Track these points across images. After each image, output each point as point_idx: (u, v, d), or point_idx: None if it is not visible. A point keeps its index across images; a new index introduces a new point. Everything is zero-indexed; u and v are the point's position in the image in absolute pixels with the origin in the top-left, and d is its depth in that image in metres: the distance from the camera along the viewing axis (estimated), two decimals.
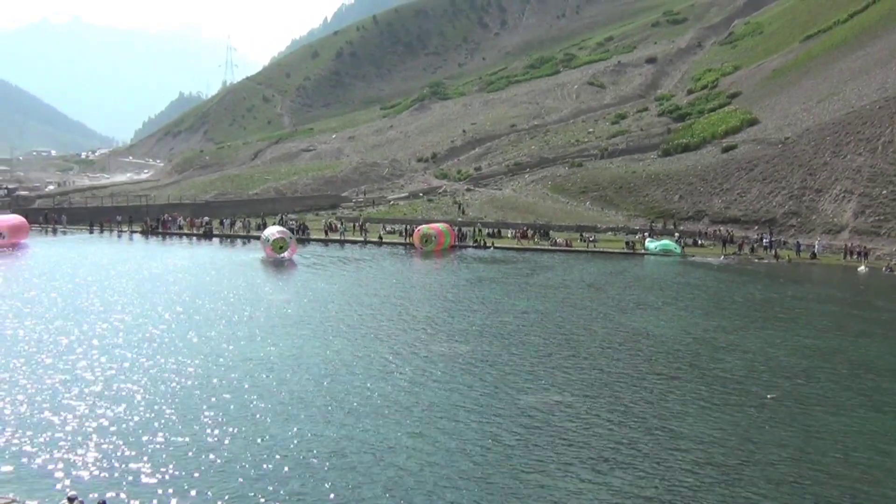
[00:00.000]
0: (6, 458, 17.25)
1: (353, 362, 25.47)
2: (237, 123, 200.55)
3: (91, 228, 67.72)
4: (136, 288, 39.01)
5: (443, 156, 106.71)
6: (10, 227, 56.36)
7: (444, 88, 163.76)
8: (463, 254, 57.52)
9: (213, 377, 23.44)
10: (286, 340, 28.28)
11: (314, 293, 39.21)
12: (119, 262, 48.39)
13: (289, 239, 51.46)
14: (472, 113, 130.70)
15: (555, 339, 29.54)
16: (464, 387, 23.13)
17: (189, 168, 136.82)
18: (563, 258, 55.74)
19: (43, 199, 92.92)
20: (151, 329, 29.59)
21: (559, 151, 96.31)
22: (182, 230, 67.29)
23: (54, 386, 22.31)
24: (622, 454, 18.14)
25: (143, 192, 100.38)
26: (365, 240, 62.24)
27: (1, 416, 19.78)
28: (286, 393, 22.10)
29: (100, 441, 18.30)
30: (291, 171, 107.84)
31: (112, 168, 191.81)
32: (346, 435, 18.97)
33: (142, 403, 20.94)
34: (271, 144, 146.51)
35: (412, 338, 29.14)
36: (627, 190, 78.38)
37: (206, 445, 18.15)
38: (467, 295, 39.48)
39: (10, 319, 30.77)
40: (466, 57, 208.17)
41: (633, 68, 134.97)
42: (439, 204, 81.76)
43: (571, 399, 22.10)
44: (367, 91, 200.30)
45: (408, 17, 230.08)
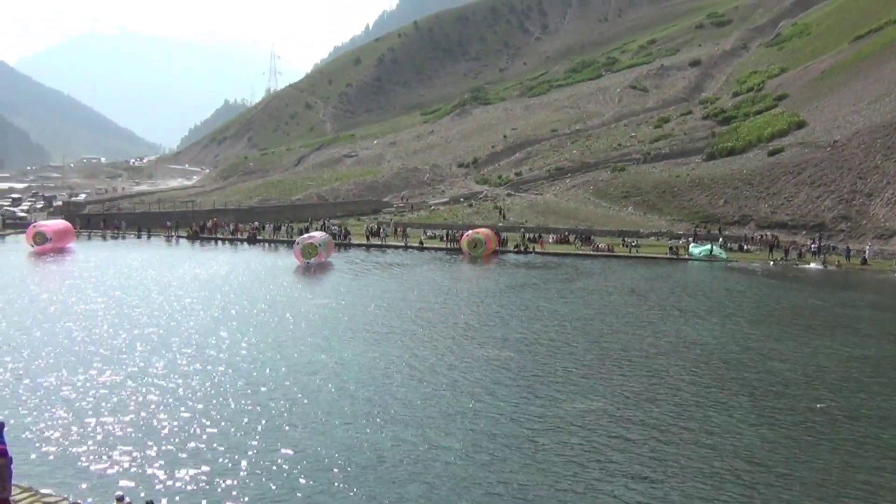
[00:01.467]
0: (57, 459, 17.68)
1: (393, 367, 25.55)
2: (280, 130, 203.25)
3: (139, 233, 69.21)
4: (181, 292, 39.72)
5: (483, 161, 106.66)
6: (57, 232, 58.38)
7: (484, 93, 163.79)
8: (504, 259, 57.38)
9: (255, 382, 23.72)
10: (326, 345, 28.49)
11: (354, 298, 39.45)
12: (165, 266, 49.36)
13: (319, 245, 51.70)
14: (512, 118, 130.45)
15: (596, 346, 29.26)
16: (503, 393, 23.03)
17: (234, 174, 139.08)
18: (604, 264, 55.23)
19: (92, 204, 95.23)
20: (195, 332, 30.09)
21: (601, 156, 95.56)
22: (230, 235, 68.39)
23: (104, 387, 22.81)
24: (663, 465, 17.86)
25: (189, 197, 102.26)
26: (406, 245, 62.50)
27: (52, 416, 20.29)
28: (326, 397, 22.25)
29: (149, 442, 18.64)
30: (333, 176, 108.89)
31: (159, 174, 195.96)
32: (383, 440, 19.02)
33: (189, 406, 21.29)
34: (314, 150, 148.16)
35: (451, 343, 29.13)
36: (671, 194, 77.39)
37: (251, 449, 18.37)
38: (508, 300, 39.35)
39: (58, 321, 31.59)
40: (507, 62, 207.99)
41: (676, 71, 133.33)
42: (480, 209, 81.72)
43: (612, 407, 21.84)
44: (409, 97, 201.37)
45: (449, 23, 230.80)
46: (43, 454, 17.91)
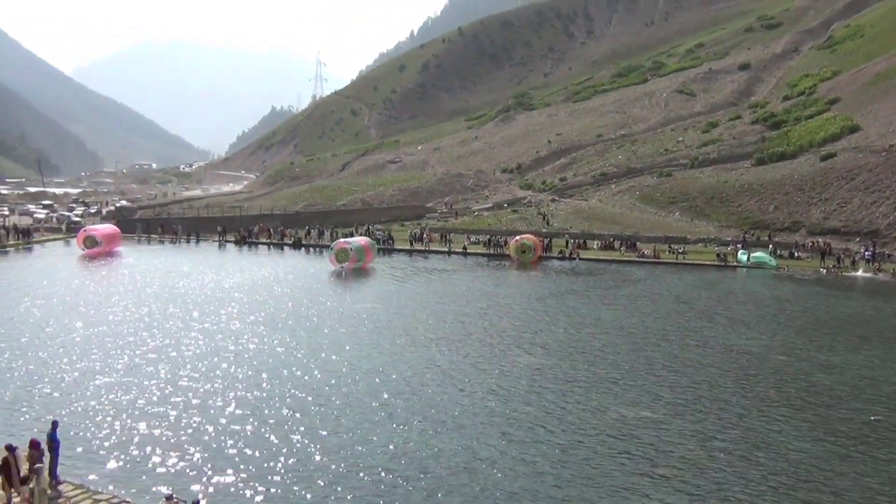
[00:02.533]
0: (108, 457, 18.09)
1: (433, 373, 25.57)
2: (326, 136, 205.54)
3: (188, 238, 70.58)
4: (226, 295, 40.36)
5: (528, 166, 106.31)
6: (106, 236, 60.41)
7: (529, 99, 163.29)
8: (548, 265, 57.04)
9: (297, 386, 23.97)
10: (367, 350, 28.65)
11: (397, 303, 39.60)
12: (212, 270, 50.22)
13: (351, 250, 52.14)
14: (557, 123, 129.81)
15: (641, 354, 28.88)
16: (546, 400, 22.87)
17: (280, 180, 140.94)
18: (650, 270, 54.50)
19: (144, 210, 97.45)
20: (239, 336, 30.54)
21: (647, 161, 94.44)
22: (276, 240, 69.34)
23: (153, 388, 23.29)
24: (710, 478, 17.52)
25: (236, 203, 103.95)
26: (449, 250, 62.55)
27: (103, 416, 20.78)
28: (366, 403, 22.36)
29: (196, 443, 18.97)
30: (378, 182, 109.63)
31: (208, 180, 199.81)
32: (426, 446, 19.03)
33: (233, 408, 21.61)
34: (358, 156, 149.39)
35: (493, 349, 29.04)
36: (719, 200, 76.10)
37: (293, 452, 18.55)
38: (551, 307, 39.10)
39: (108, 323, 32.36)
40: (552, 67, 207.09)
41: (724, 75, 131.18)
42: (524, 214, 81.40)
43: (659, 417, 21.52)
44: (453, 103, 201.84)
45: (493, 29, 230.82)
46: (94, 453, 18.36)
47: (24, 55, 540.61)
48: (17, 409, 21.40)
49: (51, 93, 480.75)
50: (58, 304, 37.22)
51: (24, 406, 21.65)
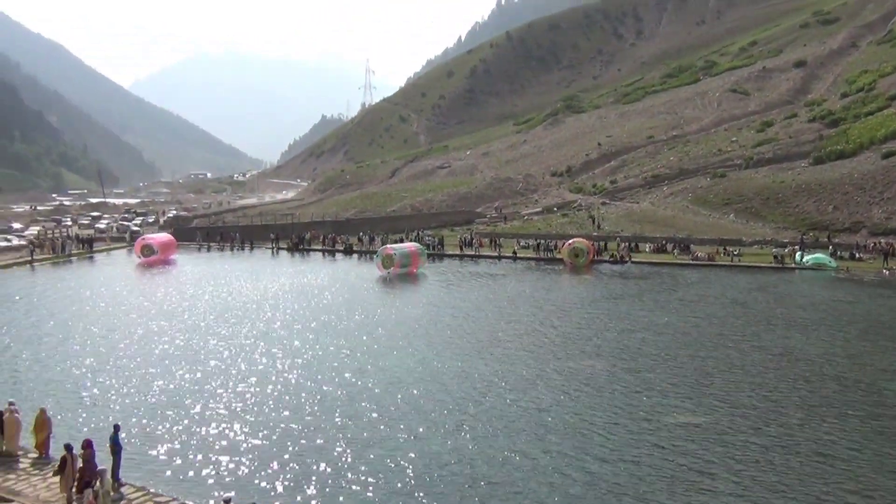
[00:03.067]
0: (169, 461, 18.54)
1: (484, 378, 25.53)
2: (375, 143, 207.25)
3: (242, 245, 71.97)
4: (279, 302, 41.00)
5: (577, 169, 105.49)
6: (162, 244, 62.35)
7: (578, 102, 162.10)
8: (599, 269, 56.47)
9: (350, 392, 24.20)
10: (417, 355, 28.77)
11: (447, 308, 39.68)
12: (265, 277, 51.08)
13: (395, 256, 52.41)
14: (607, 125, 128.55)
15: (696, 359, 28.37)
16: (597, 406, 22.64)
17: (331, 187, 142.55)
18: (704, 273, 53.48)
19: (199, 218, 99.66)
20: (293, 342, 30.99)
21: (700, 162, 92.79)
22: (327, 247, 70.21)
23: (212, 393, 23.79)
24: (769, 488, 17.09)
25: (288, 210, 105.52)
26: (499, 255, 62.44)
27: (163, 419, 21.30)
28: (418, 408, 22.45)
29: (254, 447, 19.31)
30: (427, 187, 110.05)
31: (260, 188, 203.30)
32: (479, 451, 19.01)
33: (290, 413, 21.93)
34: (408, 162, 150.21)
35: (544, 354, 28.88)
36: (775, 201, 74.31)
37: (347, 458, 18.74)
38: (602, 311, 38.70)
39: (166, 330, 33.18)
40: (601, 69, 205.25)
41: (779, 73, 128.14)
42: (574, 218, 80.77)
43: (715, 424, 21.10)
44: (501, 107, 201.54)
45: (541, 32, 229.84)
46: (155, 456, 18.84)
47: (86, 71, 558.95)
48: (78, 412, 22.08)
49: (110, 106, 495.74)
50: (116, 311, 38.34)
51: (86, 409, 22.34)
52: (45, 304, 40.81)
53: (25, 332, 33.28)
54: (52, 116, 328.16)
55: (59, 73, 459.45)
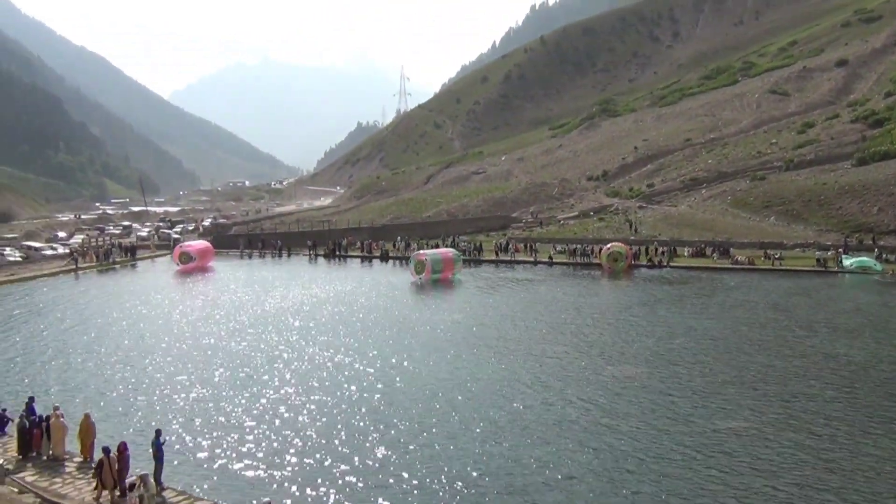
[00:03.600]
0: (211, 465, 18.79)
1: (521, 383, 25.43)
2: (410, 149, 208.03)
3: (280, 252, 72.78)
4: (316, 308, 41.33)
5: (614, 173, 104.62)
6: (200, 251, 63.70)
7: (613, 105, 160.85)
8: (636, 273, 55.90)
9: (388, 398, 24.29)
10: (454, 361, 28.76)
11: (483, 314, 39.60)
12: (302, 283, 51.54)
13: (426, 262, 52.75)
14: (643, 129, 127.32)
15: (736, 365, 27.92)
16: (636, 412, 22.39)
17: (367, 194, 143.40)
18: (744, 277, 52.61)
19: (238, 226, 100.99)
20: (330, 348, 31.20)
21: (739, 165, 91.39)
22: (364, 253, 70.64)
23: (252, 399, 24.07)
24: (810, 498, 16.73)
25: (325, 217, 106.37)
26: (535, 260, 62.18)
27: (204, 425, 21.59)
28: (456, 414, 22.44)
29: (294, 452, 19.48)
30: (462, 193, 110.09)
31: (297, 196, 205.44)
32: (518, 457, 18.94)
33: (329, 419, 22.07)
34: (443, 168, 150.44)
35: (582, 360, 28.67)
36: (817, 203, 72.82)
37: (389, 464, 18.80)
38: (639, 316, 38.29)
39: (203, 336, 33.65)
40: (637, 72, 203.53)
41: (820, 73, 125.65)
42: (611, 222, 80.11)
43: (755, 430, 20.73)
44: (536, 112, 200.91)
45: (576, 36, 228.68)
46: (197, 460, 19.11)
47: (126, 82, 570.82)
48: (121, 417, 22.49)
49: (150, 116, 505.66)
50: (156, 317, 39.01)
51: (128, 414, 22.75)
52: (88, 311, 41.73)
53: (69, 339, 34.06)
54: (94, 127, 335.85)
55: (101, 86, 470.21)
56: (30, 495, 16.48)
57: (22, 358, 30.48)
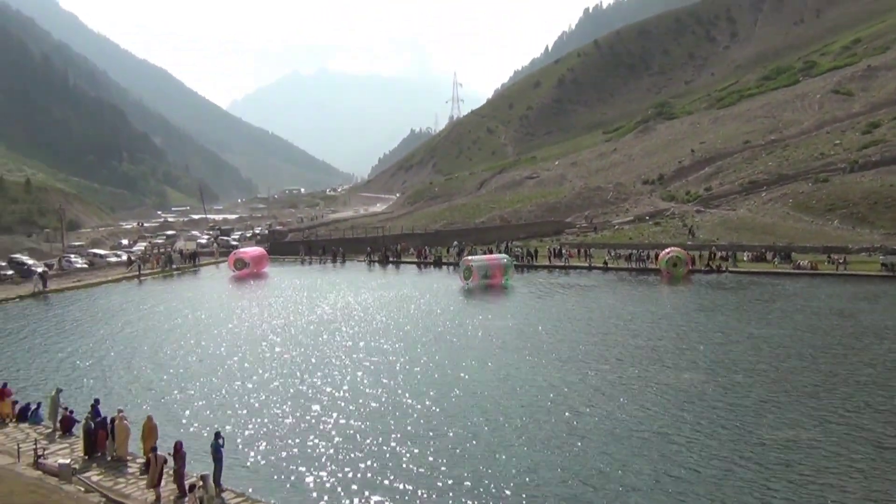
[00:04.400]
0: (267, 467, 19.07)
1: (576, 390, 25.16)
2: (463, 155, 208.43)
3: (335, 258, 73.68)
4: (371, 314, 41.65)
5: (670, 177, 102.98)
6: (254, 258, 65.10)
7: (669, 108, 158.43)
8: (694, 279, 54.79)
9: (446, 403, 24.31)
10: (508, 367, 28.63)
11: (536, 320, 39.32)
12: (356, 289, 52.02)
13: (473, 267, 53.00)
14: (700, 131, 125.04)
15: (797, 372, 27.13)
16: (692, 420, 21.93)
17: (420, 200, 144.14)
18: (807, 283, 51.09)
19: (294, 232, 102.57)
20: (384, 353, 31.41)
21: (800, 167, 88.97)
22: (417, 259, 71.01)
23: (309, 403, 24.37)
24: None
25: (379, 223, 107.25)
26: (590, 265, 61.54)
27: (261, 427, 21.95)
28: (511, 421, 22.31)
29: (352, 457, 19.64)
30: (515, 198, 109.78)
31: (351, 202, 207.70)
32: (573, 465, 18.73)
33: (384, 424, 22.20)
34: (496, 174, 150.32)
35: (639, 367, 28.22)
36: (884, 205, 70.42)
37: (442, 468, 18.80)
38: (697, 323, 37.52)
39: (262, 339, 34.23)
40: (693, 74, 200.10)
41: (886, 71, 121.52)
42: (667, 227, 78.85)
43: (821, 440, 20.08)
44: (590, 116, 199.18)
45: (630, 39, 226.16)
46: (255, 462, 19.43)
47: (187, 93, 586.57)
48: (181, 419, 23.01)
49: (210, 126, 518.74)
50: (214, 322, 39.84)
51: (188, 416, 23.26)
52: (150, 316, 42.89)
53: (132, 343, 35.05)
54: (156, 138, 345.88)
55: (163, 97, 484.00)
56: (95, 494, 16.98)
57: (87, 361, 31.47)
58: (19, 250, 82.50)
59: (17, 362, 31.70)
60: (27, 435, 21.16)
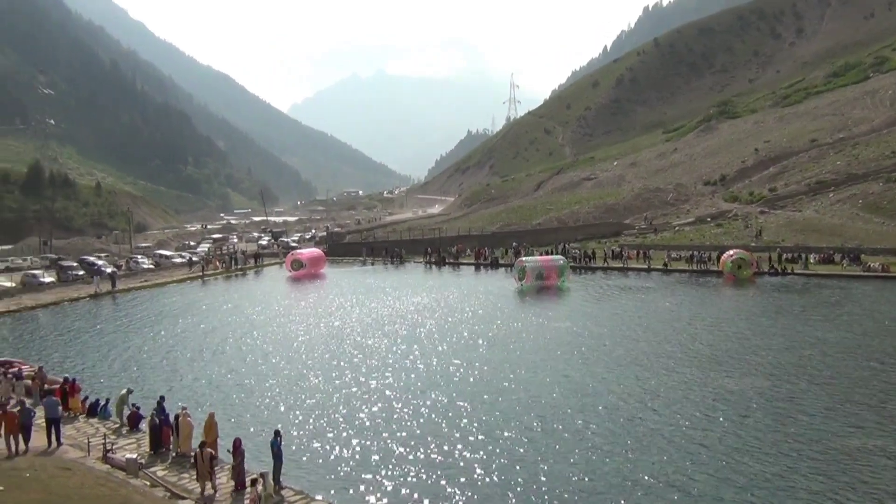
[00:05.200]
0: (326, 467, 19.30)
1: (634, 394, 24.76)
2: (520, 157, 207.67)
3: (392, 259, 74.24)
4: (426, 315, 41.78)
5: (732, 177, 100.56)
6: (311, 259, 66.53)
7: (732, 107, 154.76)
8: (758, 281, 53.36)
9: (497, 404, 24.21)
10: (565, 370, 28.35)
11: (594, 322, 38.84)
12: (413, 290, 52.29)
13: (526, 269, 53.08)
14: (764, 130, 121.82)
15: (866, 378, 26.14)
16: (755, 426, 21.33)
17: (476, 201, 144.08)
18: (878, 286, 49.22)
19: (352, 234, 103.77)
20: (442, 353, 31.46)
21: (871, 166, 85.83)
22: (474, 260, 71.06)
23: (370, 402, 24.59)
24: None
25: (436, 225, 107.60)
26: (649, 267, 60.55)
27: (321, 427, 22.22)
28: (570, 425, 22.09)
29: (415, 458, 19.73)
30: (573, 200, 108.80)
31: (408, 204, 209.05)
32: (630, 471, 18.44)
33: (446, 427, 22.24)
34: (553, 175, 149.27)
35: (697, 371, 27.62)
36: None
37: (499, 473, 18.74)
38: (764, 326, 36.50)
39: (321, 339, 34.67)
40: (757, 71, 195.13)
41: None
42: (729, 228, 77.02)
43: (888, 447, 19.31)
44: (649, 116, 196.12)
45: (691, 37, 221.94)
46: (315, 462, 19.68)
47: (249, 98, 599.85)
48: (243, 417, 23.46)
49: (271, 129, 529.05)
50: (276, 322, 40.54)
51: (250, 414, 23.71)
52: (212, 315, 43.92)
53: (195, 341, 35.94)
54: (220, 141, 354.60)
55: (226, 102, 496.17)
56: (160, 489, 17.45)
57: (152, 358, 32.40)
58: (90, 251, 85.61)
59: (86, 359, 32.85)
60: (96, 430, 21.90)
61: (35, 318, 45.23)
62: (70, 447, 20.14)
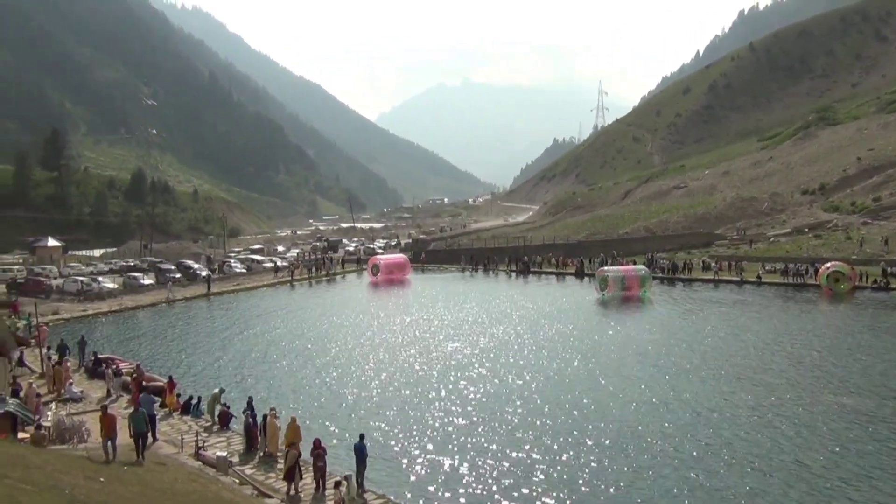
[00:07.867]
0: (411, 471, 19.41)
1: (730, 408, 23.90)
2: (608, 165, 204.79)
3: (475, 267, 74.32)
4: (506, 323, 41.59)
5: (832, 187, 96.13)
6: (392, 265, 68.25)
7: (833, 113, 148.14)
8: (859, 296, 50.63)
9: (580, 418, 23.84)
10: (649, 382, 27.66)
11: (681, 334, 37.74)
12: (495, 298, 52.17)
13: (609, 278, 52.32)
14: (868, 137, 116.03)
15: None
16: (860, 447, 20.21)
17: (562, 210, 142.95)
18: None
19: (437, 241, 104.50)
20: (523, 362, 31.24)
21: None
22: (558, 269, 70.44)
23: (450, 412, 24.64)
24: None
25: (520, 233, 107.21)
26: (741, 279, 58.43)
27: (407, 432, 22.37)
28: (654, 437, 21.52)
29: (500, 467, 19.64)
30: (662, 209, 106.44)
31: (493, 212, 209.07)
32: (723, 491, 17.80)
33: (539, 436, 22.07)
34: (641, 184, 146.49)
35: (798, 388, 26.40)
36: None
37: (586, 488, 18.44)
38: (865, 344, 34.55)
39: (404, 344, 34.95)
40: (860, 76, 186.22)
41: None
42: (828, 240, 73.59)
43: None
44: (743, 123, 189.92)
45: (789, 41, 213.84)
46: (397, 465, 19.82)
47: (338, 107, 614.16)
48: (327, 420, 23.86)
49: (358, 138, 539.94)
50: (362, 327, 41.17)
51: (334, 418, 24.10)
52: (300, 319, 44.99)
53: (282, 344, 36.87)
54: (310, 150, 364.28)
55: (315, 111, 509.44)
56: (248, 487, 17.93)
57: (243, 359, 33.40)
58: (188, 255, 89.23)
59: (183, 358, 34.17)
60: (189, 427, 22.72)
61: (134, 317, 47.50)
62: (164, 443, 20.97)
